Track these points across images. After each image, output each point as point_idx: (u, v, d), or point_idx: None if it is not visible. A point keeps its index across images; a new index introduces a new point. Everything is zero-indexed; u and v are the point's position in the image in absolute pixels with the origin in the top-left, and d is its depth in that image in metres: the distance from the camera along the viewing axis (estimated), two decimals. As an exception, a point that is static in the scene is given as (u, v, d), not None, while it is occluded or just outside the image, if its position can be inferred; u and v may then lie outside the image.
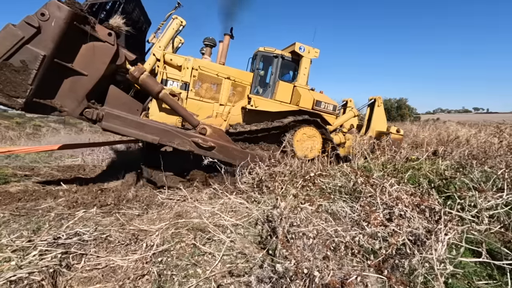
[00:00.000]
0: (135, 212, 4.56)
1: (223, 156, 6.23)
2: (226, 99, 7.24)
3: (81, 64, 5.09)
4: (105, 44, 5.23)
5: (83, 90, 5.19)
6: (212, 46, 7.85)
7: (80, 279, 2.81)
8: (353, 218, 3.60)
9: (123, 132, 5.65)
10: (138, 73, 5.68)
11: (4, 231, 3.46)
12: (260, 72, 7.64)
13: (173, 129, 5.95)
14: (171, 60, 6.74)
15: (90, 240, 3.45)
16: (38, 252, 2.97)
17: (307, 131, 7.29)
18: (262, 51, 7.50)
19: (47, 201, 4.70)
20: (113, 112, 5.51)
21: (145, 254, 3.11)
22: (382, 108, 9.31)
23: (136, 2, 6.79)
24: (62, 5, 4.58)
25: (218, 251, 3.24)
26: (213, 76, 7.11)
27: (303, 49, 7.36)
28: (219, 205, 4.83)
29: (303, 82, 7.52)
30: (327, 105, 7.63)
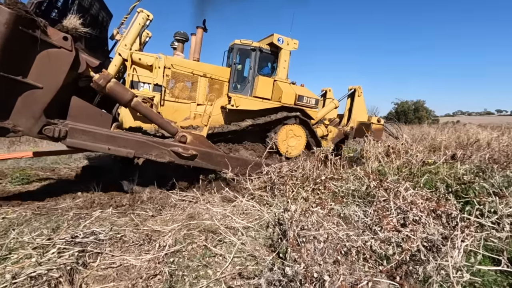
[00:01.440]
0: (149, 213, 4.66)
1: (206, 163, 5.89)
2: (203, 98, 6.84)
3: (35, 76, 4.36)
4: (61, 51, 4.49)
5: (40, 105, 4.46)
6: (184, 41, 7.32)
7: (96, 277, 2.90)
8: (366, 223, 3.53)
9: (92, 148, 5.08)
10: (103, 81, 4.96)
11: (26, 229, 3.62)
12: (238, 67, 7.24)
13: (149, 140, 5.41)
14: (140, 60, 6.15)
15: (106, 239, 3.56)
16: (57, 250, 3.09)
17: (291, 127, 7.12)
18: (238, 44, 7.05)
19: (66, 201, 4.89)
20: (78, 126, 4.85)
21: (158, 254, 3.17)
22: (363, 98, 9.11)
23: None
24: (3, 7, 3.82)
25: (228, 253, 3.26)
26: (188, 74, 6.67)
27: (282, 41, 6.97)
28: (230, 207, 4.87)
29: (283, 76, 7.18)
30: (309, 99, 7.37)
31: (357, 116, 8.91)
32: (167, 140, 5.61)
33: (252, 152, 6.82)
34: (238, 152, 6.65)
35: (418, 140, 10.59)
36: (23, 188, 5.87)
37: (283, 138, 7.00)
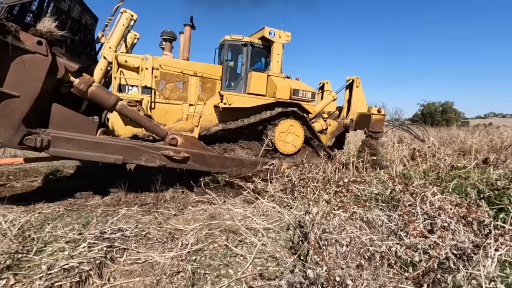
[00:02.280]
0: (172, 212, 4.79)
1: (200, 166, 5.67)
2: (195, 98, 6.63)
3: (10, 84, 4.19)
4: (35, 56, 4.27)
5: (18, 115, 4.30)
6: (172, 40, 7.06)
7: (122, 271, 3.03)
8: (390, 228, 3.43)
9: (78, 156, 4.91)
10: (84, 86, 4.75)
11: (59, 224, 3.85)
12: (230, 64, 6.98)
13: (138, 144, 5.20)
14: (126, 62, 5.90)
15: (132, 236, 3.70)
16: (87, 244, 3.25)
17: (287, 123, 6.75)
18: (229, 40, 6.77)
19: (95, 199, 5.14)
20: (62, 135, 4.66)
21: (181, 252, 3.25)
22: (361, 89, 8.71)
23: None
24: None
25: (249, 253, 3.28)
26: (178, 74, 6.46)
27: (274, 34, 6.65)
28: (251, 208, 4.90)
29: (277, 70, 6.88)
30: (305, 93, 7.01)
31: (357, 107, 8.54)
32: (157, 144, 5.43)
33: (248, 150, 6.61)
34: (234, 151, 6.45)
35: (446, 143, 10.12)
36: (56, 186, 6.24)
37: (279, 135, 6.69)
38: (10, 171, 7.34)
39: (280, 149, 6.76)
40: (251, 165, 6.10)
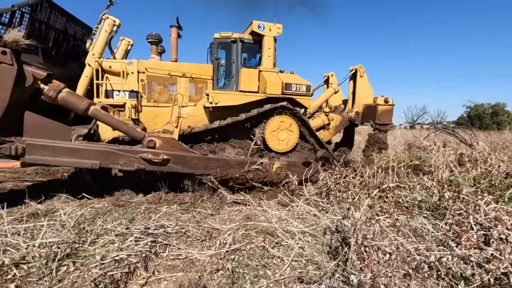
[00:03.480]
0: (208, 212, 4.93)
1: (182, 168, 5.48)
2: (186, 100, 6.57)
3: None
4: (1, 66, 4.27)
5: None
6: (157, 42, 7.02)
7: (165, 266, 3.19)
8: (437, 237, 3.22)
9: (54, 162, 4.91)
10: (54, 93, 4.70)
11: (108, 218, 4.15)
12: (221, 62, 6.80)
13: (114, 149, 5.15)
14: (110, 68, 5.93)
15: (173, 233, 3.88)
16: (134, 238, 3.47)
17: (279, 120, 6.36)
18: (218, 37, 6.58)
19: (138, 196, 5.46)
20: (37, 142, 4.68)
21: (219, 251, 3.34)
22: (366, 79, 7.98)
23: (53, 8, 5.85)
24: None
25: (286, 256, 3.28)
26: (165, 76, 6.39)
27: (263, 27, 6.36)
28: (285, 211, 4.89)
29: (269, 65, 6.54)
30: (299, 86, 6.59)
31: (362, 99, 7.89)
32: (135, 147, 5.34)
33: (239, 150, 6.34)
34: (224, 151, 6.25)
35: (498, 148, 9.26)
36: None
37: (271, 132, 6.32)
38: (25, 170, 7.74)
39: (273, 147, 6.40)
40: (238, 165, 5.81)
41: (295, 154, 6.72)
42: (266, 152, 6.50)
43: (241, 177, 5.83)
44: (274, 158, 6.36)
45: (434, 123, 13.85)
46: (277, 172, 6.07)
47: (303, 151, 6.84)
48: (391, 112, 7.42)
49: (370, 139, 7.33)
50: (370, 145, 7.17)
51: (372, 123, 7.36)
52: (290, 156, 6.64)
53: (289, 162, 6.42)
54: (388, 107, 7.39)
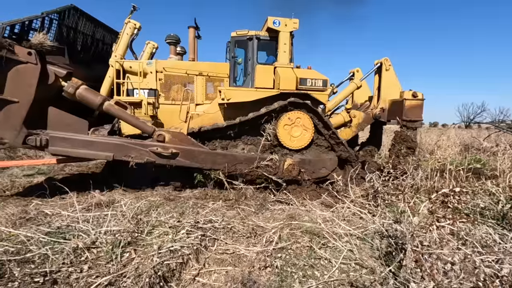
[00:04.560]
0: (252, 209, 5.03)
1: (190, 162, 5.64)
2: (202, 98, 6.68)
3: (10, 91, 4.77)
4: (27, 65, 4.78)
5: (18, 118, 4.87)
6: (175, 43, 7.23)
7: (215, 259, 3.33)
8: (507, 249, 2.90)
9: (73, 154, 5.32)
10: (72, 89, 5.14)
11: (161, 211, 4.45)
12: (238, 60, 6.79)
13: (126, 142, 5.47)
14: (131, 68, 6.30)
15: (220, 228, 4.03)
16: (186, 231, 3.68)
17: (292, 116, 6.18)
18: (234, 36, 6.61)
19: (186, 192, 5.77)
20: (59, 135, 5.16)
21: (266, 248, 3.40)
22: (392, 72, 7.23)
23: (81, 15, 6.35)
24: None
25: (334, 257, 3.22)
26: (182, 75, 6.55)
27: (279, 23, 6.25)
28: (329, 212, 4.80)
29: (285, 61, 6.37)
30: (314, 81, 6.33)
31: (388, 94, 7.25)
32: (146, 141, 5.59)
33: (252, 147, 6.29)
34: (237, 147, 6.24)
35: None
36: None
37: (284, 129, 6.20)
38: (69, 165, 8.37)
39: (285, 144, 6.26)
40: (246, 161, 5.85)
41: (310, 151, 6.53)
42: (279, 149, 6.41)
43: (251, 173, 5.87)
44: (287, 155, 6.26)
45: (496, 122, 12.41)
46: (289, 169, 5.99)
47: (320, 149, 6.65)
48: (420, 108, 6.79)
49: (396, 137, 6.77)
50: (397, 144, 6.60)
51: (398, 120, 6.81)
52: (305, 153, 6.47)
53: (303, 159, 6.24)
54: (416, 102, 6.77)
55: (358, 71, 7.97)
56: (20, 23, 5.13)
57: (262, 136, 6.13)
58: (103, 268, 2.84)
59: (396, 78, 7.31)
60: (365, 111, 7.48)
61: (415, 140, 6.63)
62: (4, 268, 2.71)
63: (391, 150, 6.72)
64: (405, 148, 6.43)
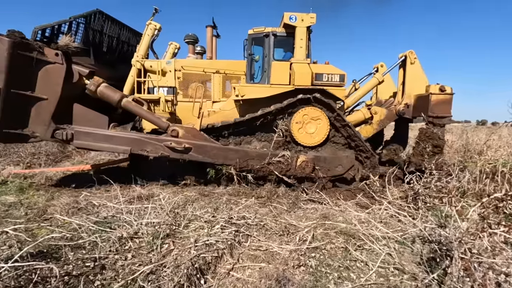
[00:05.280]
0: (284, 208, 5.01)
1: (203, 157, 5.79)
2: (219, 95, 6.83)
3: (40, 90, 5.19)
4: (55, 65, 5.19)
5: (48, 114, 5.29)
6: (193, 42, 7.44)
7: (248, 255, 3.38)
8: None
9: (95, 147, 5.78)
10: (94, 87, 5.52)
11: (197, 206, 4.62)
12: (255, 58, 6.78)
13: (143, 137, 5.77)
14: (151, 67, 6.64)
15: (253, 224, 4.08)
16: (220, 226, 3.78)
17: (305, 112, 6.03)
18: (251, 33, 6.62)
19: (220, 188, 5.91)
20: (82, 129, 5.56)
21: (300, 247, 3.37)
22: (418, 65, 6.67)
23: (106, 19, 6.77)
24: (2, 38, 4.78)
25: (371, 260, 3.10)
26: (200, 73, 6.74)
27: (295, 19, 6.15)
28: (365, 213, 4.63)
29: (301, 56, 6.24)
30: (331, 76, 6.14)
31: (413, 89, 6.77)
32: (161, 136, 5.81)
33: (266, 143, 6.22)
34: (250, 144, 6.23)
35: None
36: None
37: (298, 125, 6.09)
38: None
39: (299, 141, 6.15)
40: (258, 157, 5.86)
41: (326, 148, 6.36)
42: (293, 146, 6.32)
43: (262, 169, 5.87)
44: (301, 152, 6.16)
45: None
46: (302, 166, 5.90)
47: (336, 146, 6.42)
48: (448, 103, 6.24)
49: (421, 134, 6.25)
50: (421, 141, 6.09)
51: (424, 116, 6.31)
52: (320, 150, 6.31)
53: (318, 156, 6.09)
54: (444, 96, 6.22)
55: (383, 66, 7.57)
56: (50, 27, 5.61)
57: (275, 133, 6.12)
58: (145, 257, 3.02)
59: (422, 72, 6.84)
60: (388, 108, 7.10)
61: (443, 137, 6.13)
62: (60, 251, 3.00)
63: (415, 149, 6.30)
64: (431, 146, 5.94)
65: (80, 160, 9.39)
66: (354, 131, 6.13)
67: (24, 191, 5.55)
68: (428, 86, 6.43)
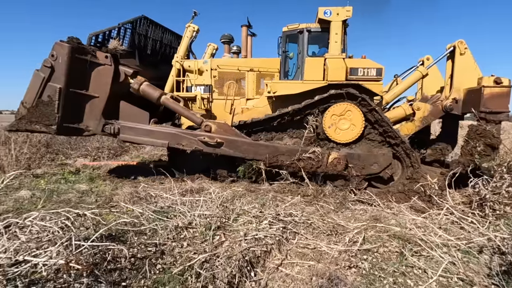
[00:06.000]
0: (331, 207, 4.90)
1: (234, 151, 5.96)
2: (253, 93, 6.90)
3: (93, 88, 5.84)
4: (105, 67, 5.79)
5: (99, 110, 5.91)
6: (229, 42, 7.64)
7: (296, 252, 3.38)
8: None
9: (137, 141, 6.30)
10: (137, 85, 6.03)
11: (244, 201, 4.75)
12: (289, 55, 6.80)
13: (179, 131, 6.11)
14: (189, 67, 6.94)
15: (300, 222, 4.07)
16: (268, 222, 3.84)
17: (338, 108, 5.85)
18: (286, 30, 6.66)
19: (265, 185, 5.99)
20: (127, 124, 6.08)
21: (350, 248, 3.28)
22: (469, 56, 5.90)
23: (150, 23, 7.20)
24: (63, 43, 5.44)
25: (430, 268, 2.89)
26: (234, 71, 6.91)
27: (330, 13, 6.08)
28: (421, 218, 4.31)
29: (336, 51, 6.11)
30: (367, 70, 5.93)
31: (462, 82, 6.04)
32: (196, 131, 6.10)
33: (297, 140, 6.13)
34: (282, 140, 6.22)
35: None
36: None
37: (330, 121, 5.93)
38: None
39: (331, 137, 5.99)
40: (288, 153, 5.86)
41: (360, 145, 6.10)
42: (325, 142, 6.13)
43: (292, 165, 5.82)
44: (333, 149, 6.04)
45: None
46: (334, 163, 5.76)
47: (372, 143, 6.09)
48: (505, 96, 5.45)
49: (470, 132, 5.54)
50: (471, 140, 5.41)
51: (475, 112, 5.56)
52: (354, 147, 6.08)
53: (351, 154, 5.89)
54: (500, 89, 5.40)
55: (429, 59, 6.95)
56: (102, 33, 6.26)
57: (306, 129, 6.06)
58: (199, 246, 3.20)
59: (474, 63, 6.08)
60: (434, 103, 6.49)
61: (498, 136, 5.36)
62: (126, 235, 3.32)
63: (463, 148, 5.61)
64: (482, 145, 5.25)
65: (136, 155, 10.28)
66: (391, 128, 5.82)
67: (93, 181, 6.27)
68: (481, 78, 5.75)
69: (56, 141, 10.54)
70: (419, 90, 7.44)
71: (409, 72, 7.26)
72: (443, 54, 6.63)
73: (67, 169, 6.97)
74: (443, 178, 5.59)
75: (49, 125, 5.61)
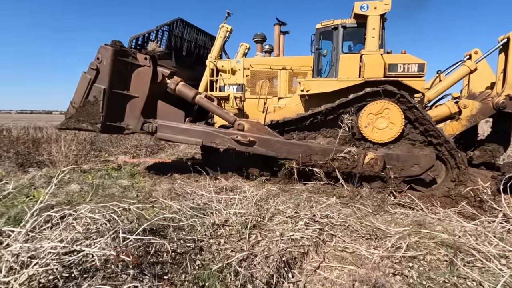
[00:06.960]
0: (369, 210, 4.69)
1: (266, 150, 5.94)
2: (285, 91, 6.84)
3: (133, 89, 6.04)
4: (144, 68, 5.97)
5: (138, 109, 6.11)
6: (261, 41, 7.58)
7: (334, 255, 3.27)
8: None
9: (173, 139, 6.44)
10: (173, 85, 6.20)
11: (278, 200, 4.71)
12: (323, 52, 6.64)
13: (212, 130, 6.21)
14: (222, 67, 7.04)
15: (337, 224, 3.94)
16: (304, 223, 3.77)
17: (376, 106, 5.55)
18: (319, 27, 6.49)
19: (299, 185, 5.90)
20: (163, 123, 6.24)
21: (393, 254, 3.10)
22: None
23: (186, 25, 7.36)
24: (107, 47, 5.67)
25: (487, 281, 2.64)
26: (266, 70, 6.86)
27: (367, 7, 5.80)
28: (471, 225, 3.96)
29: (373, 47, 5.84)
30: (407, 66, 5.56)
31: None
32: (229, 129, 6.14)
33: (331, 140, 5.98)
34: (315, 139, 6.10)
35: None
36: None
37: (366, 120, 5.64)
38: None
39: (368, 137, 5.71)
40: (322, 153, 5.73)
41: (400, 146, 5.77)
42: (362, 142, 5.82)
43: (326, 165, 5.68)
44: (369, 149, 5.77)
45: None
46: (370, 164, 5.51)
47: (413, 143, 5.70)
48: None
49: None
50: None
51: None
52: (392, 148, 5.76)
53: (389, 154, 5.59)
54: None
55: (477, 53, 6.37)
56: (142, 36, 6.53)
57: (341, 128, 5.85)
58: (235, 244, 3.22)
59: None
60: (483, 100, 5.94)
61: None
62: (166, 230, 3.44)
63: None
64: None
65: (172, 153, 10.68)
66: (433, 126, 5.45)
67: (134, 177, 6.61)
68: None
69: (99, 139, 11.32)
70: (465, 87, 6.89)
71: (454, 68, 6.76)
72: (495, 47, 6.07)
73: (110, 165, 7.39)
74: (495, 182, 5.14)
75: (94, 124, 5.96)
